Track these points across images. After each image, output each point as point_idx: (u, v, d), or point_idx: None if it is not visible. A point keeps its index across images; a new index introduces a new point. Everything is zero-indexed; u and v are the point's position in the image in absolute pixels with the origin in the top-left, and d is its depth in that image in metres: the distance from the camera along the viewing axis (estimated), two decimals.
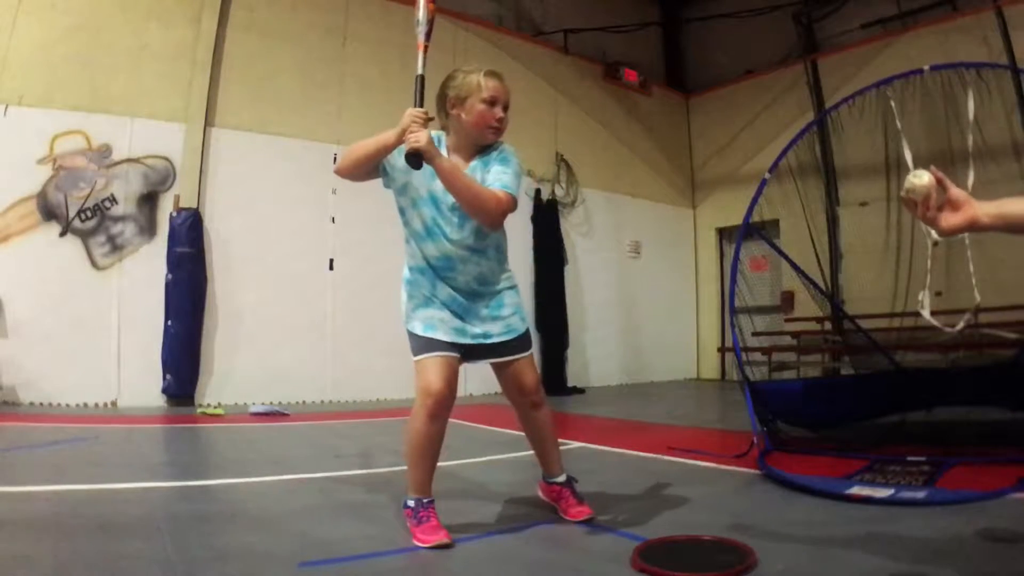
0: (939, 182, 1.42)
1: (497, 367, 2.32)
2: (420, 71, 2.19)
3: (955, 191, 1.42)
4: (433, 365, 2.15)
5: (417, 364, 2.18)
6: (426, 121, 2.08)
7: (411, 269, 2.28)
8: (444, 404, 2.14)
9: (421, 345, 2.19)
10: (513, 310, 2.31)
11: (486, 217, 2.13)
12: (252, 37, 6.86)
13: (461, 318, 2.23)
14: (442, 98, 2.25)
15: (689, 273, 10.86)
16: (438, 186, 2.15)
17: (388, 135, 2.11)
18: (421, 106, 2.11)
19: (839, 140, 6.49)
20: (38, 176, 5.78)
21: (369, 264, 7.27)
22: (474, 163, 2.23)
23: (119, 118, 6.13)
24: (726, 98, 10.44)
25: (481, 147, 2.25)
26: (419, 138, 2.01)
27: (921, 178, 1.43)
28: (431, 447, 2.17)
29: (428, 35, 2.26)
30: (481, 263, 2.25)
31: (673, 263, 10.63)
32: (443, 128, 2.28)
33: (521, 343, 2.32)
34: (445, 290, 2.23)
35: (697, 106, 11.03)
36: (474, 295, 2.26)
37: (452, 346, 2.20)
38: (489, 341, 2.26)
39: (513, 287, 2.36)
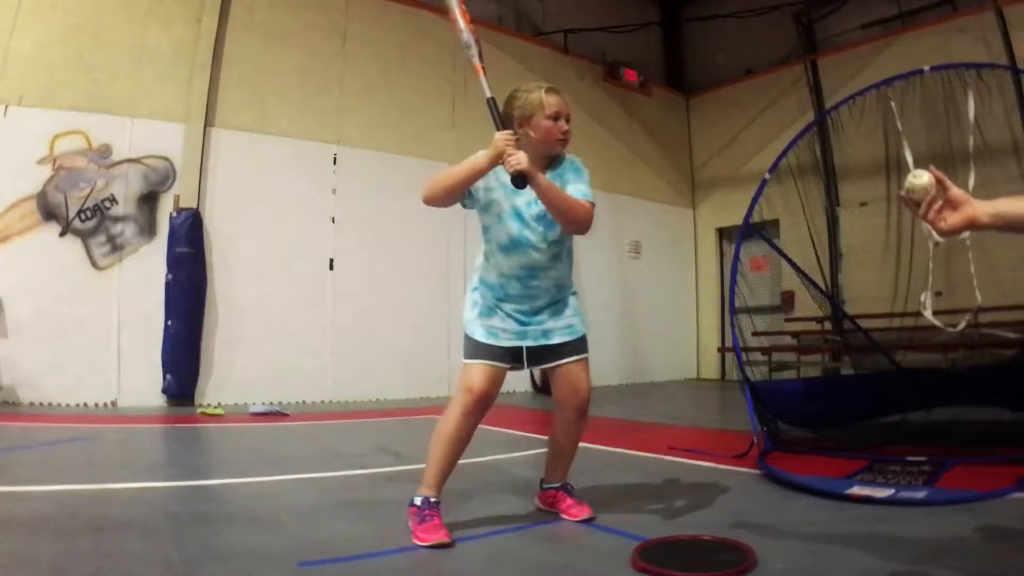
0: (939, 182, 1.42)
1: (553, 371, 2.36)
2: (488, 94, 2.24)
3: (955, 191, 1.42)
4: (481, 368, 2.24)
5: (465, 366, 2.27)
6: (516, 142, 2.14)
7: (485, 283, 2.36)
8: (482, 403, 2.22)
9: (476, 350, 2.27)
10: (574, 312, 2.40)
11: (577, 225, 2.25)
12: (252, 37, 6.86)
13: (524, 324, 2.30)
14: (507, 119, 2.29)
15: (689, 273, 10.86)
16: (520, 200, 2.26)
17: (480, 161, 2.16)
18: (502, 127, 2.18)
19: (839, 140, 6.50)
20: (38, 176, 5.78)
21: (369, 264, 7.28)
22: (548, 175, 2.28)
23: (119, 118, 6.13)
24: (726, 98, 10.45)
25: (550, 159, 2.33)
26: (520, 159, 2.08)
27: (921, 178, 1.43)
28: (458, 444, 2.23)
29: (481, 55, 2.31)
30: (560, 268, 2.35)
31: (673, 263, 10.63)
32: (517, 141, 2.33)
33: (580, 345, 2.38)
34: (517, 300, 2.30)
35: (697, 106, 11.03)
36: (550, 302, 2.34)
37: (509, 354, 2.27)
38: (551, 342, 2.31)
39: (575, 293, 2.46)
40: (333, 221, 7.17)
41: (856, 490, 2.66)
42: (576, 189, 2.26)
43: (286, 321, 6.77)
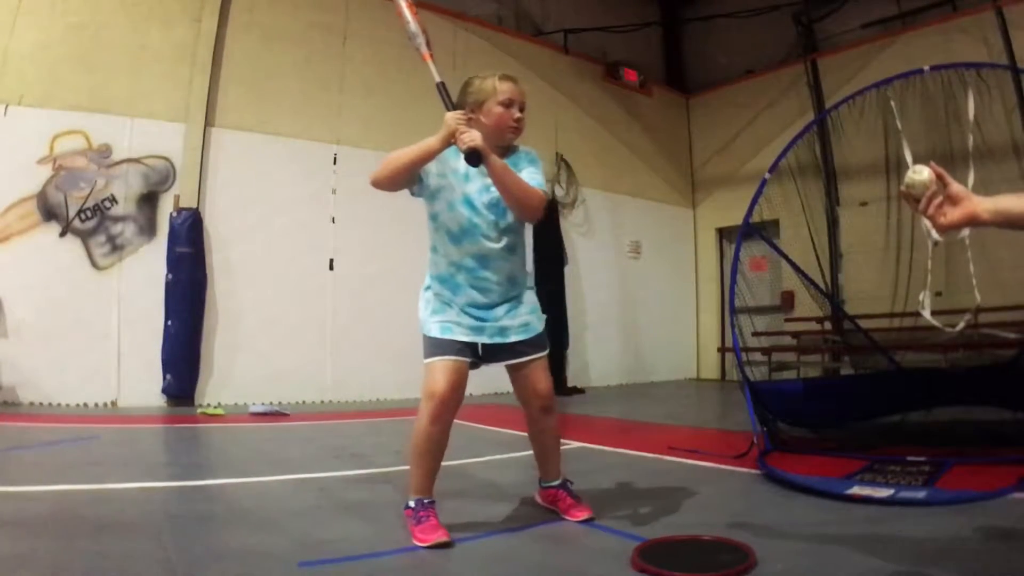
0: (939, 177, 1.42)
1: (512, 368, 2.33)
2: (437, 79, 2.24)
3: (955, 187, 1.42)
4: (441, 368, 2.17)
5: (426, 367, 2.21)
6: (469, 120, 2.12)
7: (435, 277, 2.32)
8: (447, 407, 2.16)
9: (433, 347, 2.21)
10: (530, 309, 2.35)
11: (531, 212, 2.22)
12: (252, 37, 6.86)
13: (480, 319, 2.25)
14: (461, 106, 2.27)
15: (689, 273, 10.86)
16: (472, 187, 2.22)
17: (430, 143, 2.13)
18: (455, 108, 2.15)
19: (839, 140, 6.49)
20: (38, 176, 5.78)
21: (369, 264, 7.27)
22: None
23: (119, 118, 6.13)
24: (726, 98, 10.44)
25: (503, 149, 2.29)
26: (473, 136, 2.06)
27: (921, 174, 1.43)
28: (433, 449, 2.19)
29: (428, 44, 2.29)
30: (512, 260, 2.30)
31: (673, 263, 10.63)
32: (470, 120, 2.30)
33: (538, 343, 2.34)
34: (469, 294, 2.25)
35: (697, 106, 11.02)
36: (502, 296, 2.29)
37: (467, 348, 2.22)
38: (507, 340, 2.27)
39: (532, 288, 2.42)
40: (333, 221, 7.17)
41: (856, 490, 2.66)
42: (530, 176, 2.22)
43: (286, 321, 6.77)
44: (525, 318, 2.31)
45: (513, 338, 2.28)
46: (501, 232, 2.25)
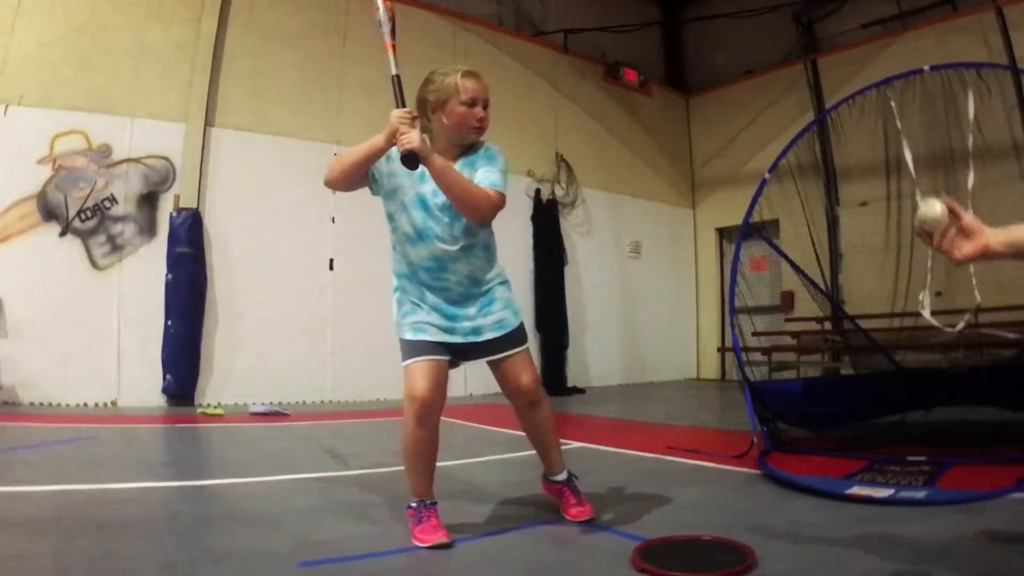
0: (951, 211, 1.41)
1: (493, 365, 2.30)
2: (394, 71, 2.18)
3: (967, 219, 1.41)
4: (419, 370, 2.14)
5: (405, 369, 2.17)
6: (413, 120, 2.07)
7: (399, 276, 2.28)
8: (430, 409, 2.13)
9: (409, 350, 2.18)
10: (503, 305, 2.29)
11: (477, 215, 2.14)
12: (252, 37, 6.86)
13: (451, 319, 2.22)
14: (422, 102, 2.23)
15: (689, 273, 10.86)
16: (426, 188, 2.17)
17: (376, 140, 2.10)
18: (403, 106, 2.10)
19: (839, 140, 6.49)
20: (38, 176, 5.78)
21: (369, 264, 7.25)
22: (459, 164, 2.22)
23: (119, 118, 6.13)
24: (726, 98, 10.44)
25: (464, 147, 2.25)
26: (411, 138, 2.01)
27: (933, 208, 1.42)
28: (424, 451, 2.17)
29: (393, 33, 2.24)
30: (472, 261, 2.25)
31: (673, 263, 10.63)
32: (423, 130, 2.23)
33: (514, 338, 2.29)
34: (434, 293, 2.22)
35: (697, 106, 11.02)
36: (465, 295, 2.25)
37: (442, 348, 2.19)
38: (481, 339, 2.24)
39: (504, 282, 2.34)
40: (333, 221, 7.17)
41: (856, 490, 2.66)
42: (485, 176, 2.15)
43: (286, 321, 6.77)
44: (499, 315, 2.27)
45: (487, 335, 2.24)
46: (457, 235, 2.19)
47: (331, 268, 7.14)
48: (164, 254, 6.17)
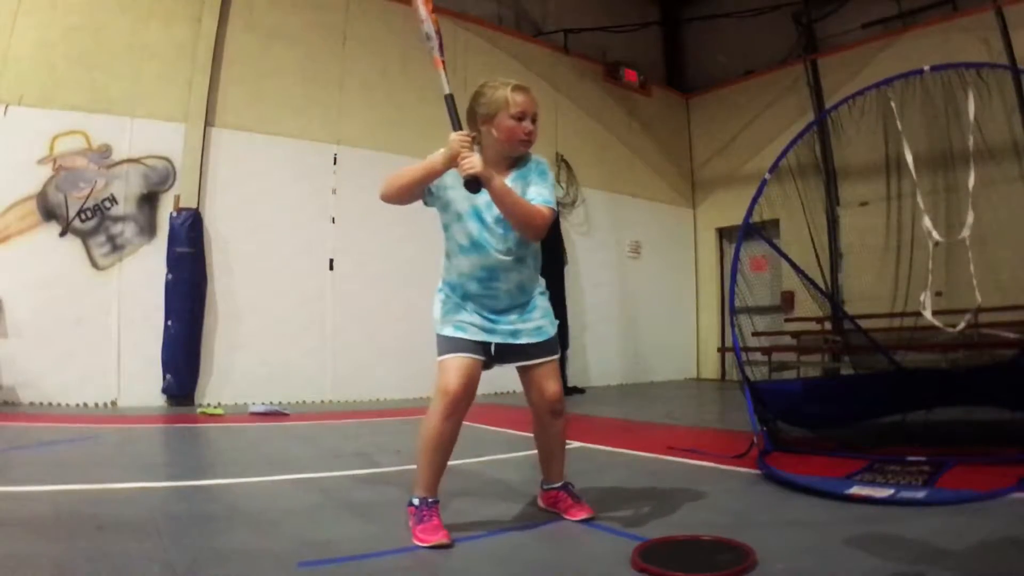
0: None
1: (523, 371, 2.35)
2: (447, 90, 2.21)
3: None
4: (454, 366, 2.19)
5: (440, 364, 2.22)
6: (472, 143, 2.11)
7: (447, 283, 2.33)
8: (459, 404, 2.18)
9: (447, 346, 2.23)
10: (543, 313, 2.36)
11: (532, 231, 2.21)
12: (252, 37, 6.86)
13: (492, 322, 2.27)
14: (472, 114, 2.27)
15: (689, 273, 10.86)
16: (481, 200, 2.21)
17: (435, 161, 2.14)
18: (459, 127, 2.14)
19: (839, 140, 6.49)
20: (38, 176, 5.78)
21: (369, 264, 7.28)
22: (512, 176, 2.26)
23: (119, 118, 6.13)
24: (726, 98, 10.45)
25: (513, 159, 2.29)
26: (473, 163, 2.05)
27: None
28: (443, 445, 2.20)
29: (441, 48, 2.28)
30: (522, 271, 2.31)
31: (673, 263, 10.63)
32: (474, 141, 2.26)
33: (549, 347, 2.36)
34: (481, 300, 2.27)
35: (697, 106, 11.02)
36: (510, 304, 2.30)
37: (479, 348, 2.23)
38: (518, 341, 2.29)
39: (544, 293, 2.42)
40: (333, 221, 7.18)
41: (856, 490, 2.66)
42: (538, 192, 2.22)
43: (286, 321, 6.77)
44: (538, 322, 2.34)
45: (524, 340, 2.30)
46: (511, 246, 2.25)
47: (331, 268, 7.14)
48: (164, 254, 6.17)
